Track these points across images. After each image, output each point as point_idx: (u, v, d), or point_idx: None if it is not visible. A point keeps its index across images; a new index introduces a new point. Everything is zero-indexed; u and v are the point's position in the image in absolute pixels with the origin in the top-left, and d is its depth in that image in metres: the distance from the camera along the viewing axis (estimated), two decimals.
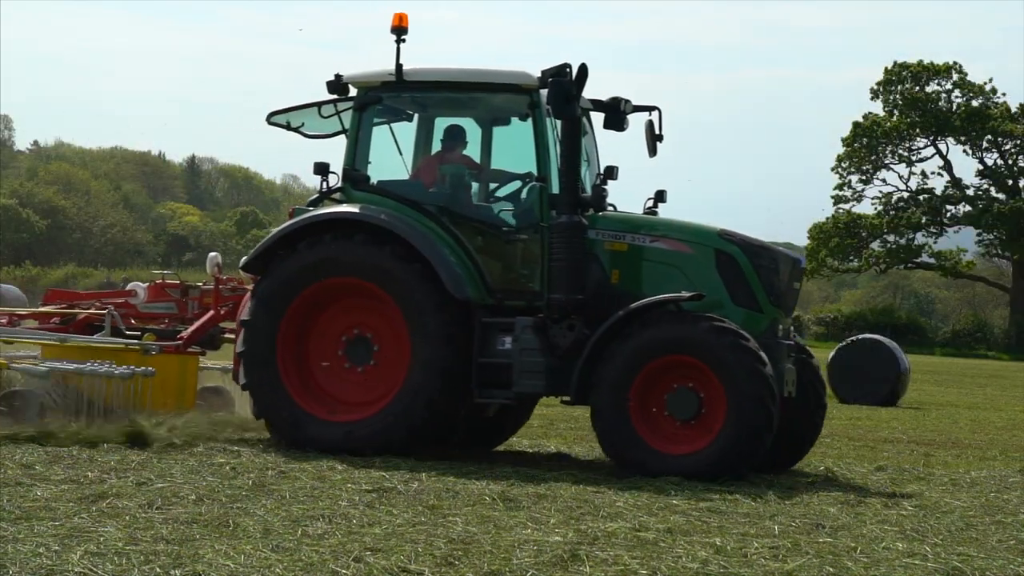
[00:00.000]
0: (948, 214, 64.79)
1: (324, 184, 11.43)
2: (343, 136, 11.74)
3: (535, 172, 10.98)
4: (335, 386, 11.03)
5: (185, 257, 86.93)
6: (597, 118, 11.64)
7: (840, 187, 66.52)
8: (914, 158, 65.34)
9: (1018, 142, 62.43)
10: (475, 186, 11.48)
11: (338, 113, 11.84)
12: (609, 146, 11.97)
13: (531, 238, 10.97)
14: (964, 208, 64.08)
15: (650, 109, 11.62)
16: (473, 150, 11.60)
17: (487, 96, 11.37)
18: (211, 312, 12.60)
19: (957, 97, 63.33)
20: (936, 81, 63.54)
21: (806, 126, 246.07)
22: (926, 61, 63.35)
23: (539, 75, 10.70)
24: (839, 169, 66.31)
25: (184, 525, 7.22)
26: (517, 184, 11.30)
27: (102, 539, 6.71)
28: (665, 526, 7.83)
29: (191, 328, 12.36)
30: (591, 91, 11.05)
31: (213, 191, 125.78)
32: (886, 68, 64.28)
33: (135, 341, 12.00)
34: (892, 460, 12.86)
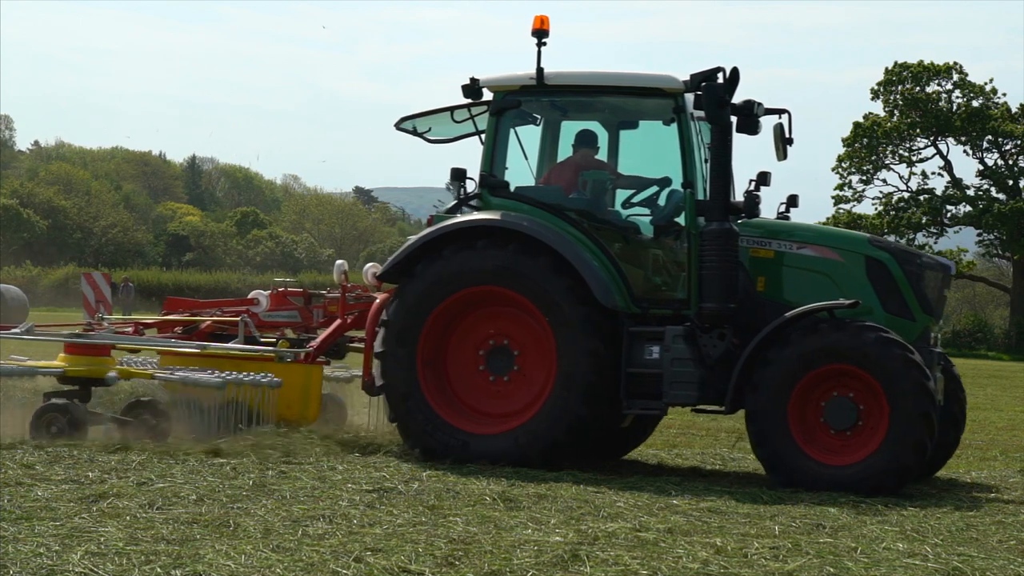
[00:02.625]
0: (948, 214, 64.74)
1: (461, 191, 11.23)
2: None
3: (671, 176, 10.83)
4: (473, 395, 10.78)
5: (185, 257, 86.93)
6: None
7: (840, 187, 66.45)
8: (914, 158, 65.28)
9: (1018, 142, 62.38)
10: (613, 192, 11.26)
11: (472, 118, 11.71)
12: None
13: (674, 245, 10.79)
14: (964, 208, 64.01)
15: (780, 112, 11.43)
16: (600, 154, 11.44)
17: (629, 100, 11.15)
18: (338, 321, 12.22)
19: (957, 97, 63.28)
20: (936, 81, 63.49)
21: (807, 126, 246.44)
22: (926, 61, 63.32)
23: (685, 79, 10.52)
24: (839, 169, 66.26)
25: (185, 525, 7.22)
26: (654, 189, 11.09)
27: (103, 539, 6.71)
28: (666, 526, 7.83)
29: (320, 337, 12.04)
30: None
31: (214, 191, 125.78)
32: (886, 68, 64.28)
33: (271, 348, 11.77)
34: None
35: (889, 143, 65.36)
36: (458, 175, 11.24)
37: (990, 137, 63.22)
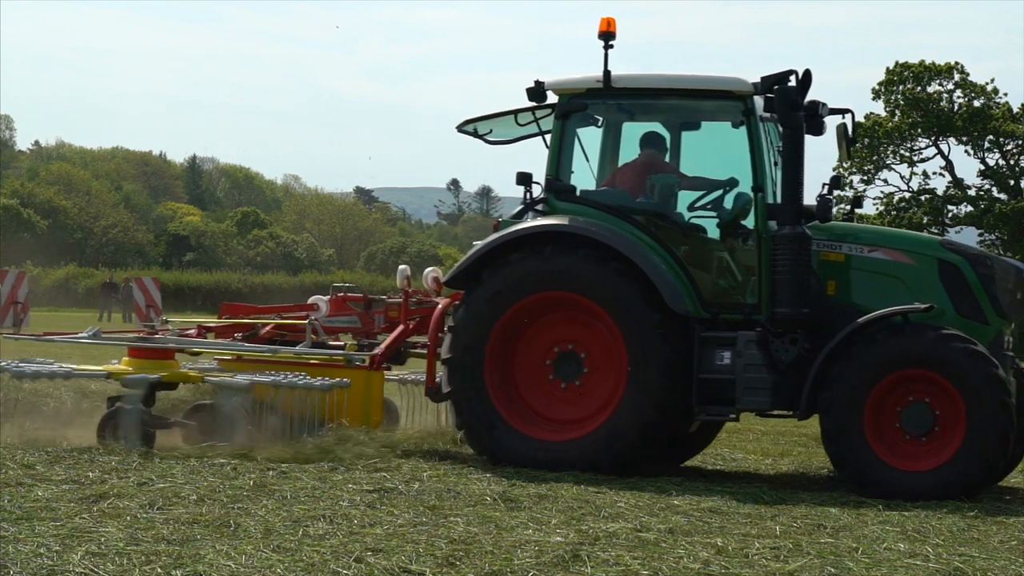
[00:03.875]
0: (950, 214, 64.71)
1: (527, 195, 11.10)
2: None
3: (737, 179, 10.77)
4: (541, 401, 10.65)
5: (186, 257, 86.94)
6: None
7: (842, 187, 66.49)
8: (916, 158, 65.24)
9: (1020, 142, 62.35)
10: (679, 195, 11.16)
11: (536, 120, 11.61)
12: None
13: (743, 248, 10.71)
14: (966, 208, 63.97)
15: (843, 112, 11.33)
16: (665, 155, 11.34)
17: (697, 102, 11.06)
18: (401, 326, 12.04)
19: (959, 97, 63.24)
20: (937, 81, 63.43)
21: None
22: (927, 61, 63.30)
23: (754, 81, 10.44)
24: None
25: (185, 525, 7.21)
26: (719, 192, 10.99)
27: (103, 539, 6.71)
28: (666, 526, 7.83)
29: (384, 343, 11.87)
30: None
31: (214, 191, 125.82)
32: (887, 68, 64.25)
33: (340, 352, 11.67)
34: None
35: (890, 143, 65.36)
36: (524, 179, 11.08)
37: (991, 137, 63.17)
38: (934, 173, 65.97)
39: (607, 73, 10.76)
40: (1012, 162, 64.09)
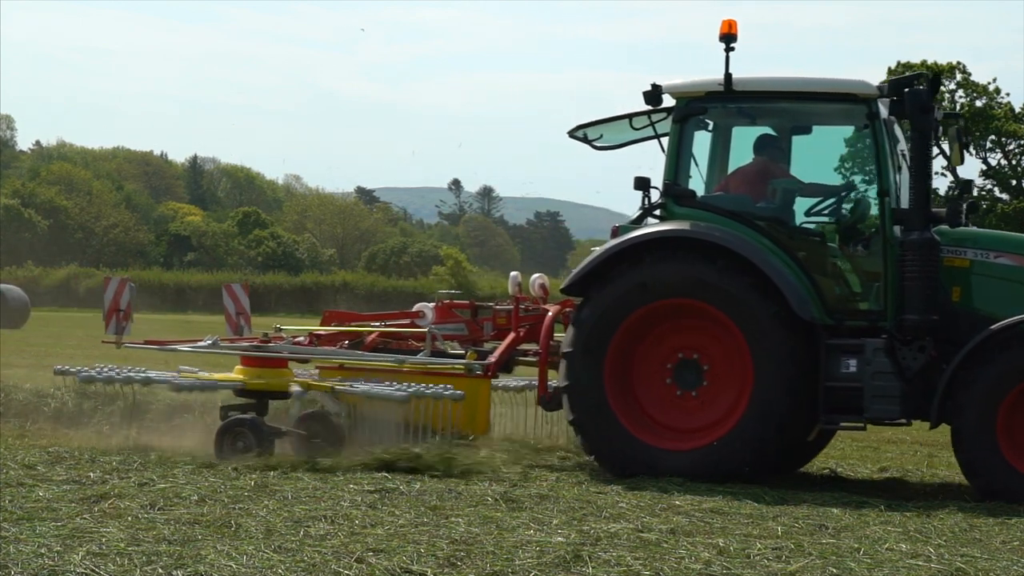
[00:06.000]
0: None
1: (646, 200, 10.94)
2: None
3: (855, 183, 10.66)
4: (657, 407, 10.49)
5: (187, 257, 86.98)
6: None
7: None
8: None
9: (1022, 142, 62.40)
10: (798, 200, 11.00)
11: (653, 124, 11.42)
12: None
13: (864, 254, 10.58)
14: None
15: (956, 116, 11.17)
16: (779, 159, 11.24)
17: (819, 105, 10.94)
18: (512, 334, 11.89)
19: (961, 97, 63.28)
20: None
21: None
22: (930, 61, 63.32)
23: (880, 84, 10.38)
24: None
25: (186, 526, 7.21)
26: (840, 196, 10.88)
27: (104, 540, 6.71)
28: (668, 527, 7.82)
29: (498, 351, 11.69)
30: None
31: (215, 191, 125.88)
32: (889, 68, 64.23)
33: (461, 361, 11.48)
34: (895, 461, 12.85)
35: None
36: (642, 184, 10.94)
37: (993, 137, 63.17)
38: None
39: (728, 76, 10.61)
40: (1014, 162, 64.06)
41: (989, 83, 63.85)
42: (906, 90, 10.16)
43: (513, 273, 12.75)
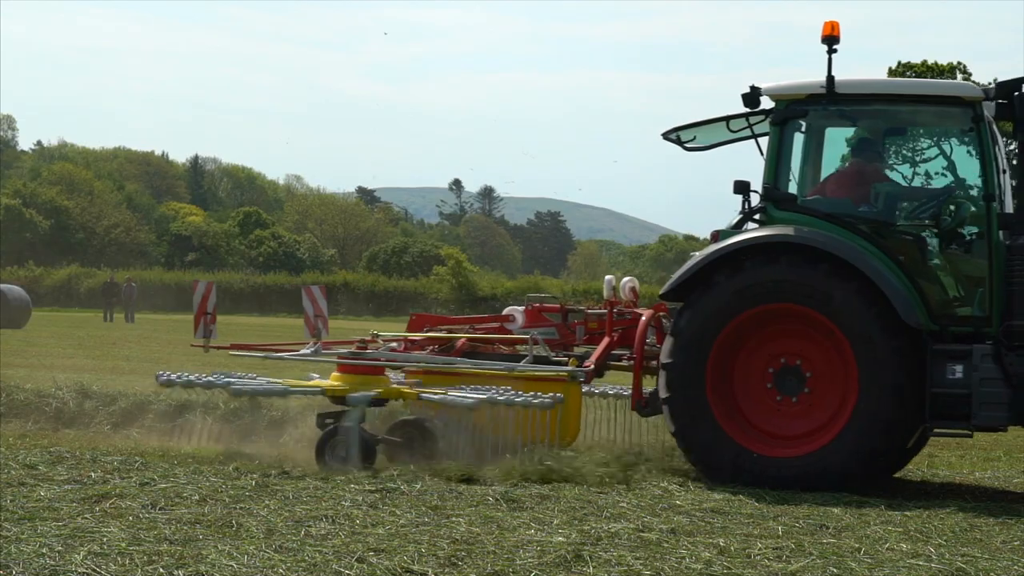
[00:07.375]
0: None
1: (746, 204, 10.84)
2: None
3: (955, 186, 10.60)
4: (758, 414, 10.34)
5: (188, 257, 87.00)
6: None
7: None
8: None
9: None
10: (901, 203, 10.93)
11: (751, 126, 11.30)
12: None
13: (967, 259, 10.45)
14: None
15: None
16: (875, 161, 11.14)
17: (922, 108, 10.87)
18: (607, 339, 11.73)
19: None
20: None
21: None
22: (930, 61, 63.30)
23: (985, 87, 10.26)
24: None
25: (187, 525, 7.22)
26: (941, 199, 10.77)
27: (105, 539, 6.71)
28: (668, 527, 7.82)
29: (594, 356, 11.52)
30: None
31: (216, 191, 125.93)
32: (890, 68, 64.23)
33: (565, 368, 11.27)
34: None
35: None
36: (741, 188, 10.84)
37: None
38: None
39: (830, 79, 10.52)
40: (1014, 162, 63.92)
41: (990, 83, 63.68)
42: (1016, 93, 10.08)
43: (608, 277, 12.45)
